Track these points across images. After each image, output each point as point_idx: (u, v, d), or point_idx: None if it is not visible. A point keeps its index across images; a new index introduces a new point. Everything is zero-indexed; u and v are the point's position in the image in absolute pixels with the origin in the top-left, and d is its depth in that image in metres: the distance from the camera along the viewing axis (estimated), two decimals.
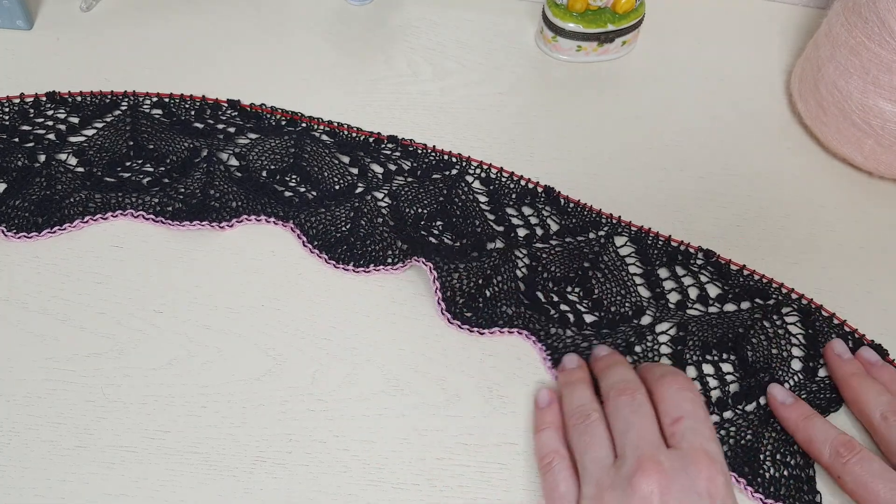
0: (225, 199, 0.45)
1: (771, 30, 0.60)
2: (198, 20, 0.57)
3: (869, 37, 0.45)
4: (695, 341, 0.41)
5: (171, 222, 0.44)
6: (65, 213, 0.44)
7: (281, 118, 0.49)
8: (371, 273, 0.43)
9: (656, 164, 0.51)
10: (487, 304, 0.42)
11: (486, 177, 0.47)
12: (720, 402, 0.39)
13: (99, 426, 0.38)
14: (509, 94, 0.54)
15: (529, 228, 0.45)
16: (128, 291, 0.42)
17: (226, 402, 0.39)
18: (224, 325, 0.41)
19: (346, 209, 0.45)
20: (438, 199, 0.46)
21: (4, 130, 0.48)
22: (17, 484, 0.36)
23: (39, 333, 0.41)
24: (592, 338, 0.41)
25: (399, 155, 0.48)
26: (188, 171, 0.46)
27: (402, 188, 0.46)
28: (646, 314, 0.42)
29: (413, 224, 0.45)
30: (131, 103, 0.50)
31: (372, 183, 0.46)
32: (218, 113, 0.50)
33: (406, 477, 0.37)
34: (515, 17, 0.60)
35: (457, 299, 0.41)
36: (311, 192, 0.46)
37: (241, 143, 0.48)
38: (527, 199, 0.46)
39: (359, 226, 0.44)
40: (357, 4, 0.60)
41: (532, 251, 0.44)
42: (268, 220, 0.45)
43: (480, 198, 0.46)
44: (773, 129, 0.53)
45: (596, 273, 0.43)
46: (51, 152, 0.47)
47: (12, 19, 0.54)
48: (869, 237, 0.47)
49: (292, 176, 0.46)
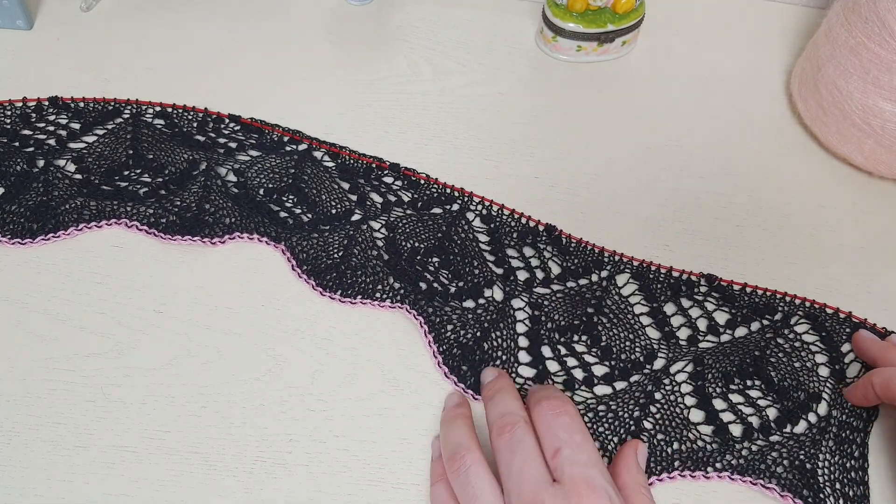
0: (219, 214, 0.45)
1: (771, 30, 0.60)
2: (198, 20, 0.57)
3: (869, 37, 0.45)
4: (714, 374, 0.40)
5: (163, 235, 0.44)
6: (59, 220, 0.44)
7: (282, 136, 0.49)
8: (357, 305, 0.42)
9: (656, 164, 0.51)
10: (485, 361, 0.40)
11: (488, 214, 0.46)
12: (763, 428, 0.38)
13: (99, 426, 0.38)
14: (509, 94, 0.54)
15: (530, 271, 0.43)
16: (128, 291, 0.42)
17: (226, 402, 0.39)
18: (224, 325, 0.41)
19: (339, 236, 0.44)
20: (437, 234, 0.44)
21: (6, 134, 0.48)
22: (18, 484, 0.36)
23: (39, 333, 0.41)
24: (607, 400, 0.39)
25: (400, 185, 0.47)
26: (185, 184, 0.46)
27: (401, 220, 0.45)
28: (658, 357, 0.41)
29: (408, 258, 0.43)
30: (134, 111, 0.49)
31: (370, 212, 0.45)
32: (220, 126, 0.49)
33: (406, 477, 0.37)
34: (515, 17, 0.60)
35: (454, 351, 0.40)
36: (306, 213, 0.45)
37: (241, 160, 0.47)
38: (528, 239, 0.45)
39: (351, 254, 0.43)
40: (357, 4, 0.60)
41: (533, 299, 0.42)
42: (260, 240, 0.44)
43: (481, 237, 0.45)
44: (773, 129, 0.53)
45: (601, 318, 0.42)
46: (50, 158, 0.46)
47: (12, 19, 0.54)
48: (869, 237, 0.47)
49: (289, 196, 0.46)
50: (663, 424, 0.38)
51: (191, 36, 0.56)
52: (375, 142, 0.50)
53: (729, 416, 0.39)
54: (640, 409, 0.39)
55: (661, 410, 0.39)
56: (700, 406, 0.39)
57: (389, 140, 0.51)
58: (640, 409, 0.39)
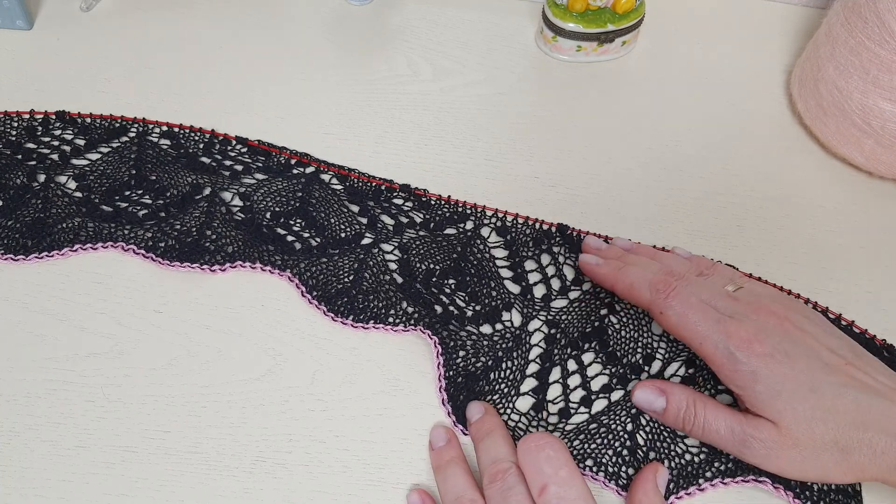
0: (221, 241, 0.43)
1: (771, 30, 0.60)
2: (198, 20, 0.57)
3: (869, 37, 0.45)
4: (704, 377, 0.40)
5: (160, 260, 0.42)
6: (55, 239, 0.43)
7: (290, 158, 0.48)
8: (370, 329, 0.41)
9: (656, 164, 0.51)
10: (490, 392, 0.39)
11: (502, 226, 0.45)
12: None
13: (99, 426, 0.38)
14: (509, 94, 0.54)
15: (547, 284, 0.43)
16: (128, 291, 0.42)
17: (226, 402, 0.39)
18: (224, 325, 0.41)
19: (349, 260, 0.43)
20: (452, 255, 0.43)
21: (10, 146, 0.47)
22: (18, 484, 0.36)
23: (39, 333, 0.41)
24: (601, 416, 0.39)
25: (411, 206, 0.46)
26: (186, 207, 0.44)
27: (414, 241, 0.44)
28: (656, 359, 0.41)
29: (423, 280, 0.42)
30: (140, 130, 0.49)
31: (381, 235, 0.44)
32: (227, 148, 0.48)
33: (406, 477, 0.37)
34: (515, 17, 0.60)
35: (458, 379, 0.39)
36: (315, 237, 0.44)
37: (246, 183, 0.46)
38: (543, 245, 0.44)
39: (362, 278, 0.42)
40: (357, 4, 0.60)
41: (550, 316, 0.41)
42: (263, 269, 0.43)
43: (497, 252, 0.44)
44: (773, 129, 0.53)
45: (612, 320, 0.41)
46: (51, 173, 0.46)
47: (12, 19, 0.54)
48: (869, 237, 0.47)
49: (297, 220, 0.44)
50: (653, 440, 0.38)
51: (191, 36, 0.56)
52: (375, 142, 0.50)
53: None
54: (632, 422, 0.38)
55: (649, 423, 0.38)
56: None
57: (389, 140, 0.51)
58: (632, 420, 0.38)
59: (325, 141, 0.50)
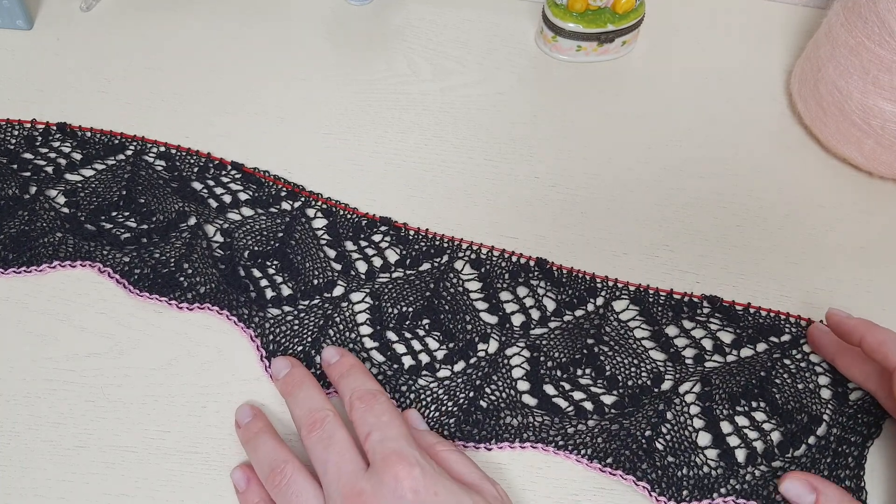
0: (195, 279, 0.42)
1: (771, 30, 0.60)
2: (198, 20, 0.57)
3: (869, 37, 0.45)
4: (721, 395, 0.40)
5: (131, 288, 0.42)
6: (35, 253, 0.42)
7: (282, 188, 0.47)
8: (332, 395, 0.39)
9: (656, 164, 0.51)
10: (488, 416, 0.38)
11: (476, 258, 0.44)
12: (767, 454, 0.38)
13: (99, 426, 0.38)
14: (509, 94, 0.54)
15: (525, 313, 0.42)
16: (128, 291, 0.42)
17: (226, 402, 0.39)
18: (224, 325, 0.41)
19: (316, 317, 0.41)
20: (425, 293, 0.42)
21: (7, 155, 0.47)
22: (18, 484, 0.36)
23: (39, 333, 0.41)
24: (620, 419, 0.38)
25: (389, 242, 0.44)
26: (169, 236, 0.44)
27: (386, 286, 0.43)
28: (665, 379, 0.40)
29: (396, 326, 0.41)
30: (137, 149, 0.48)
31: (353, 284, 0.43)
32: (220, 174, 0.47)
33: None
34: (515, 17, 0.60)
35: (466, 428, 0.38)
36: (287, 282, 0.42)
37: (231, 219, 0.45)
38: (520, 278, 0.43)
39: (326, 335, 0.41)
40: (357, 4, 0.60)
41: (530, 342, 0.41)
42: (229, 317, 0.41)
43: (472, 284, 0.43)
44: (773, 129, 0.53)
45: (602, 348, 0.41)
46: (43, 186, 0.45)
47: (12, 19, 0.54)
48: (869, 237, 0.47)
49: (273, 261, 0.43)
50: (673, 447, 0.38)
51: (191, 36, 0.56)
52: (375, 142, 0.50)
53: (735, 441, 0.38)
54: (651, 429, 0.38)
55: (671, 431, 0.38)
56: (708, 429, 0.39)
57: (389, 140, 0.51)
58: (652, 428, 0.38)
59: (325, 141, 0.50)
